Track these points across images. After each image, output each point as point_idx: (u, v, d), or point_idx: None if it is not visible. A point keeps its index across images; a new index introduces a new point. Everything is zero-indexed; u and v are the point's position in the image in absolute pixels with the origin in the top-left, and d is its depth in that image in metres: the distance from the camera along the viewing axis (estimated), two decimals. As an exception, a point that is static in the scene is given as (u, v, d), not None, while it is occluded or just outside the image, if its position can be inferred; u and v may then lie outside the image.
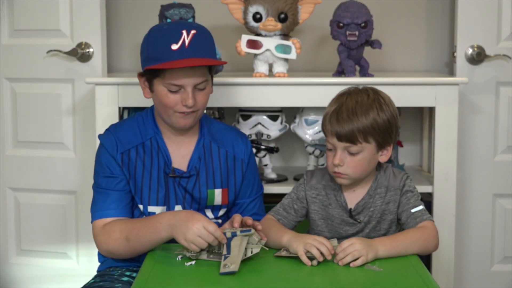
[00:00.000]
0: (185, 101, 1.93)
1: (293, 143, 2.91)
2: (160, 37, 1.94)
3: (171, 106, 1.95)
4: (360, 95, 1.94)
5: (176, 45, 1.90)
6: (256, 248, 1.77)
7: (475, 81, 2.76)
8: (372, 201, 1.98)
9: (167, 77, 1.93)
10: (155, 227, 1.86)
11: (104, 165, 2.01)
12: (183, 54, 1.90)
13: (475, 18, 2.73)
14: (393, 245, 1.83)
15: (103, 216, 1.98)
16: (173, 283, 1.68)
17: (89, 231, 2.77)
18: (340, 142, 1.90)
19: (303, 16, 2.43)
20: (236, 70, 2.89)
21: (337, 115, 1.91)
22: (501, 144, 2.80)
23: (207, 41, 1.97)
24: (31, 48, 2.82)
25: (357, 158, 1.92)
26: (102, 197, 2.00)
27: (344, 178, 1.94)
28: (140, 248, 1.91)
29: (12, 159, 2.92)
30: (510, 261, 2.84)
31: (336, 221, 2.00)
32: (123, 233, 1.92)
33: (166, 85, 1.94)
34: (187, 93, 1.93)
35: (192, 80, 1.93)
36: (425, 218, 1.93)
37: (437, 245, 1.90)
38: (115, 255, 1.98)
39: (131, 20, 2.96)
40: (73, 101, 2.83)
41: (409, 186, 1.99)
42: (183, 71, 1.91)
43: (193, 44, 1.91)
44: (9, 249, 2.97)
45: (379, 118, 1.91)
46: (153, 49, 1.93)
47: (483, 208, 2.83)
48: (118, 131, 2.04)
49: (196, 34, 1.92)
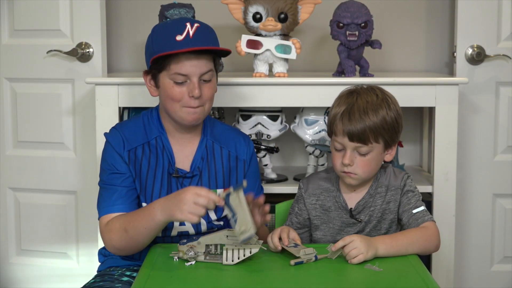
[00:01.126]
0: (192, 92, 1.94)
1: (293, 143, 2.91)
2: (164, 31, 1.96)
3: (178, 98, 1.95)
4: (370, 94, 1.96)
5: (181, 36, 1.92)
6: (255, 248, 1.77)
7: (475, 81, 2.76)
8: (373, 200, 1.99)
9: (172, 68, 1.93)
10: (149, 213, 1.85)
11: (110, 162, 2.00)
12: (187, 44, 1.91)
13: (475, 18, 2.73)
14: (393, 244, 1.83)
15: (109, 212, 1.96)
16: (173, 283, 1.68)
17: (89, 231, 2.80)
18: (352, 142, 1.91)
19: (303, 16, 2.43)
20: (236, 70, 2.89)
21: (349, 115, 1.92)
22: (501, 144, 2.80)
23: (211, 33, 1.99)
24: (31, 48, 2.82)
25: (366, 158, 1.93)
26: (108, 193, 1.98)
27: (353, 178, 1.95)
28: (138, 238, 1.89)
29: (12, 159, 2.92)
30: (510, 261, 2.84)
31: (337, 224, 2.01)
32: (122, 225, 1.91)
33: (172, 77, 1.94)
34: (193, 84, 1.94)
35: (197, 69, 1.94)
36: (427, 219, 1.93)
37: (438, 245, 1.90)
38: (120, 250, 1.96)
39: (131, 20, 2.96)
40: (73, 101, 2.83)
41: (410, 185, 1.99)
42: (188, 61, 1.92)
43: (197, 35, 1.93)
44: (9, 249, 2.97)
45: (388, 117, 1.93)
46: (158, 43, 1.95)
47: (483, 208, 2.83)
48: (124, 129, 2.04)
49: (199, 27, 1.95)
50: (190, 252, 1.78)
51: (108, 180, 2.00)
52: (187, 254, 1.78)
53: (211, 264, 1.78)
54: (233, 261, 1.77)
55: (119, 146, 2.01)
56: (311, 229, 2.06)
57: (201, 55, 1.94)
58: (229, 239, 1.79)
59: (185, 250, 1.79)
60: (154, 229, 1.87)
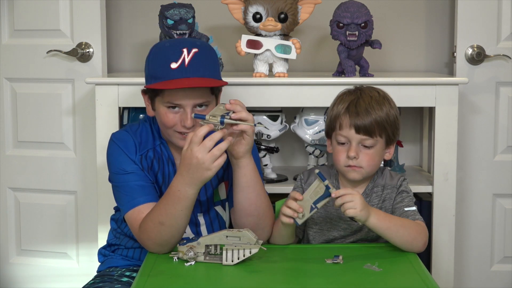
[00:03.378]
0: (184, 121, 1.90)
1: (293, 143, 2.91)
2: (160, 55, 1.92)
3: (170, 126, 1.93)
4: (372, 91, 1.99)
5: (176, 64, 1.88)
6: (255, 248, 1.77)
7: (475, 81, 2.76)
8: (369, 200, 2.00)
9: (165, 96, 1.90)
10: (179, 195, 1.80)
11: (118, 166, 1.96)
12: (182, 73, 1.87)
13: (475, 18, 2.73)
14: (386, 219, 1.84)
15: (133, 206, 1.90)
16: (173, 283, 1.68)
17: (89, 231, 2.80)
18: (358, 134, 1.93)
19: (303, 16, 2.43)
20: (236, 70, 2.89)
21: (356, 108, 1.94)
22: (501, 144, 2.80)
23: (208, 60, 1.93)
24: (31, 48, 2.82)
25: (371, 151, 1.95)
26: (124, 191, 1.93)
27: (358, 171, 1.96)
28: (178, 223, 1.83)
29: (12, 159, 2.92)
30: (510, 261, 2.84)
31: (335, 219, 2.01)
32: (155, 221, 1.84)
33: (165, 104, 1.91)
34: (186, 114, 1.90)
35: (191, 100, 1.90)
36: (417, 218, 1.94)
37: (425, 245, 1.89)
38: (162, 245, 1.87)
39: (131, 20, 2.96)
40: (73, 101, 2.83)
41: (405, 187, 2.02)
42: (182, 91, 1.89)
43: (193, 63, 1.88)
44: (9, 249, 2.97)
45: (390, 113, 1.96)
46: (153, 67, 1.93)
47: (483, 208, 2.83)
48: (134, 132, 2.01)
49: (197, 52, 1.90)
50: (190, 253, 1.78)
51: (121, 181, 1.95)
52: (187, 254, 1.78)
53: (211, 264, 1.78)
54: (233, 261, 1.77)
55: (130, 150, 1.97)
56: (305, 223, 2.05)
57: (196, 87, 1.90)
58: (229, 239, 1.79)
59: (184, 250, 1.79)
60: (191, 206, 1.82)
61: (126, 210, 1.92)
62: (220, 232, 1.81)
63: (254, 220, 1.91)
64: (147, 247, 1.89)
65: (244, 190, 1.90)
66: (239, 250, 1.77)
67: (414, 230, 1.88)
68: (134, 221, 1.91)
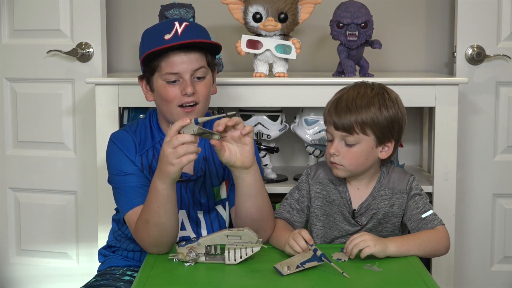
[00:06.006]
0: (184, 89, 1.91)
1: (293, 143, 2.91)
2: (153, 32, 1.95)
3: (171, 99, 1.92)
4: (364, 88, 1.95)
5: (169, 35, 1.90)
6: (257, 247, 1.77)
7: (475, 81, 2.76)
8: (375, 202, 1.97)
9: (163, 68, 1.91)
10: (153, 190, 1.79)
11: (117, 167, 1.96)
12: (176, 40, 1.89)
13: (475, 18, 2.74)
14: (404, 243, 1.82)
15: (131, 207, 1.91)
16: (173, 283, 1.68)
17: (89, 231, 2.80)
18: (337, 131, 1.91)
19: (303, 16, 2.43)
20: (236, 70, 2.90)
21: (337, 104, 1.92)
22: (501, 144, 2.80)
23: (200, 29, 1.96)
24: (31, 48, 2.83)
25: (353, 150, 1.91)
26: (123, 192, 1.94)
27: (339, 169, 1.93)
28: (160, 221, 1.81)
29: (12, 159, 2.92)
30: (510, 261, 2.84)
31: (338, 218, 1.99)
32: (142, 220, 1.85)
33: (164, 77, 1.92)
34: (185, 81, 1.91)
35: (188, 65, 1.91)
36: (436, 223, 1.92)
37: (448, 248, 1.90)
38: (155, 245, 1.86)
39: (131, 20, 2.96)
40: (73, 101, 2.83)
41: (416, 188, 1.98)
42: (179, 58, 1.90)
43: (186, 32, 1.90)
44: (9, 249, 2.97)
45: (380, 113, 1.91)
46: (147, 44, 1.93)
47: (483, 208, 2.83)
48: (134, 131, 2.01)
49: (189, 25, 1.92)
50: (191, 254, 1.77)
51: (120, 182, 1.96)
52: (189, 256, 1.77)
53: (211, 264, 1.77)
54: (236, 260, 1.77)
55: (130, 150, 1.97)
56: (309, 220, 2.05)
57: (191, 51, 1.91)
58: (230, 238, 1.78)
59: (185, 252, 1.78)
60: (166, 203, 1.80)
61: (125, 212, 1.93)
62: (221, 232, 1.80)
63: (258, 224, 1.90)
64: (143, 247, 1.89)
65: (252, 198, 1.87)
66: (241, 249, 1.77)
67: (435, 241, 1.86)
68: (132, 222, 1.91)
